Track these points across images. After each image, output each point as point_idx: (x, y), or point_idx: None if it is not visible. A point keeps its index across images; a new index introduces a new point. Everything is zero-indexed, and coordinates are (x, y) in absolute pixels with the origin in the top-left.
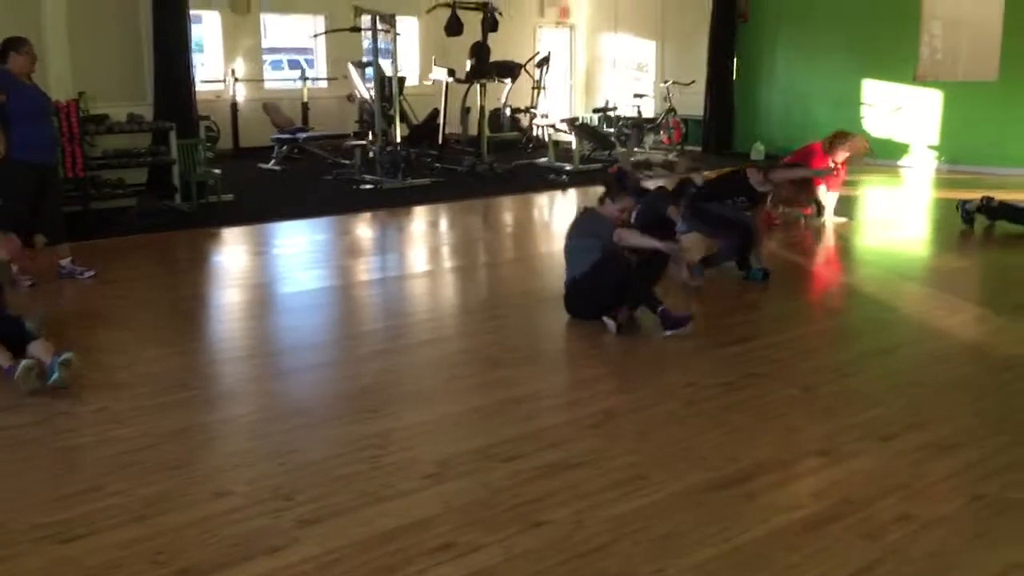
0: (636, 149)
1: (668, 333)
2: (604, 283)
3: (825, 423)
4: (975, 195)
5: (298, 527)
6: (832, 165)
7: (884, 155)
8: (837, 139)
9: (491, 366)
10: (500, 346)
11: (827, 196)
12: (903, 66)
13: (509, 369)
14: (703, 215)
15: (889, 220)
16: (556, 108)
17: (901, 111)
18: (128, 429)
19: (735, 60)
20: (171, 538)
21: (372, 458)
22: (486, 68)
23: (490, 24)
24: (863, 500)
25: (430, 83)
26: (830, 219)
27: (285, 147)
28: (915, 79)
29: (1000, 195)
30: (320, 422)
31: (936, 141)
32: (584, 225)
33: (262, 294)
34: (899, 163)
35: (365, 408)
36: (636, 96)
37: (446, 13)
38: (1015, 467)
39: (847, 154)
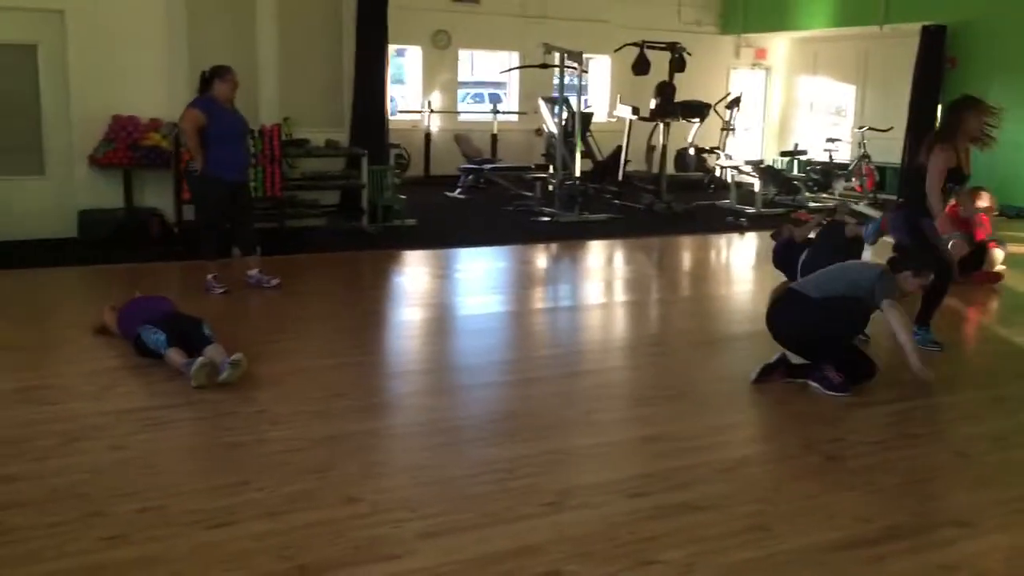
0: (825, 195)
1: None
2: (832, 328)
3: (974, 493)
4: None
5: (418, 538)
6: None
7: None
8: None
9: (634, 403)
10: (648, 384)
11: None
12: None
13: (651, 407)
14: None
15: None
16: (746, 150)
17: None
18: (283, 431)
19: (939, 107)
20: (299, 536)
21: (499, 480)
22: (671, 107)
23: (677, 64)
24: None
25: (615, 120)
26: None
27: (471, 177)
28: None
29: None
30: (460, 441)
31: None
32: (868, 272)
33: (432, 315)
34: None
35: (503, 432)
36: (829, 141)
37: (635, 52)
38: None
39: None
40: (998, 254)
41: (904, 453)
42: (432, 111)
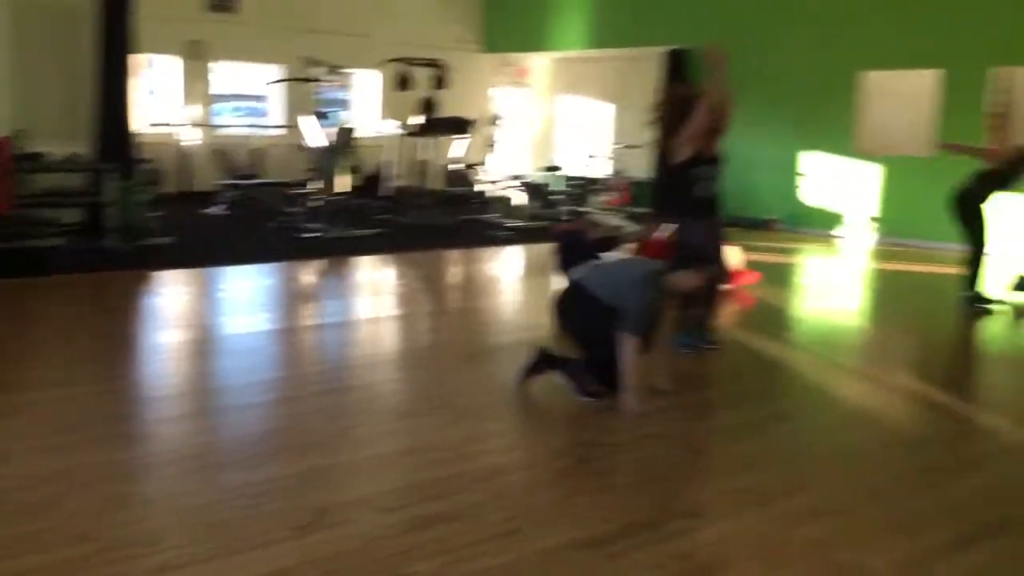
0: (583, 209)
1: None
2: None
3: (704, 486)
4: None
5: (152, 574)
6: None
7: (819, 224)
8: None
9: (396, 416)
10: (411, 396)
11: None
12: (841, 139)
13: (413, 420)
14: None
15: (820, 289)
16: (509, 166)
17: (840, 183)
18: (5, 469)
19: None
20: None
21: (253, 505)
22: (435, 123)
23: (439, 80)
24: (723, 562)
25: (380, 135)
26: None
27: (231, 193)
28: (855, 152)
29: (930, 269)
30: (211, 466)
31: (873, 213)
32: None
33: (189, 336)
34: (837, 233)
35: (259, 453)
36: (586, 157)
37: (399, 67)
38: (875, 537)
39: None
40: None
41: (644, 453)
42: (190, 124)
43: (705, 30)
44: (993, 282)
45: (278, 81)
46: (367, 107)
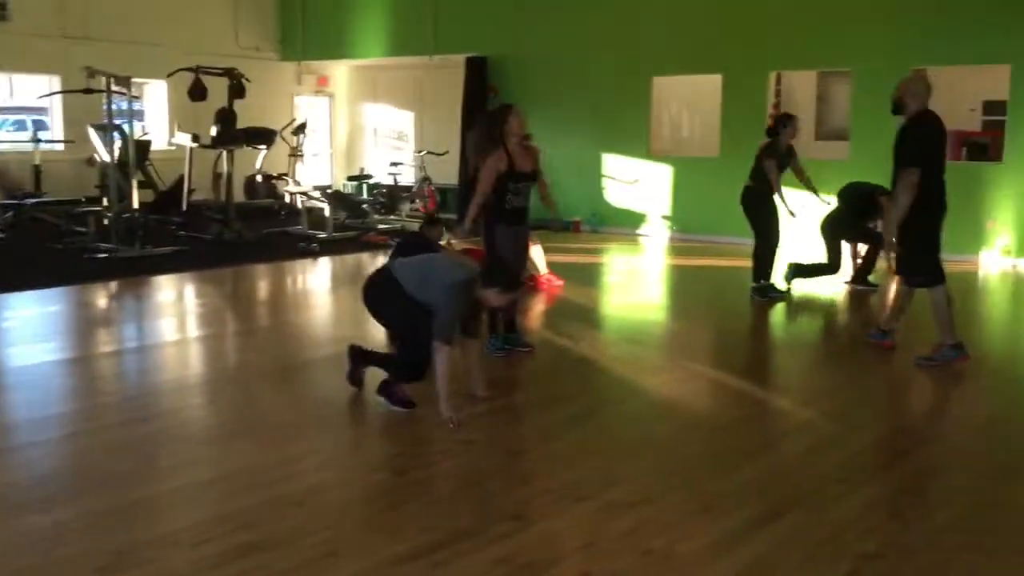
0: (392, 217)
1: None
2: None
3: (523, 487)
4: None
5: None
6: None
7: (624, 224)
8: None
9: (200, 444)
10: (216, 422)
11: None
12: (637, 142)
13: (219, 446)
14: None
15: (624, 286)
16: (316, 176)
17: (637, 183)
18: None
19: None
20: None
21: (45, 551)
22: (233, 134)
23: (236, 90)
24: (546, 562)
25: (175, 147)
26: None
27: (10, 213)
28: (648, 154)
29: (720, 262)
30: None
31: (668, 211)
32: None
33: None
34: (638, 232)
35: (48, 495)
36: (392, 164)
37: (191, 77)
38: (683, 522)
39: None
40: (536, 250)
41: (462, 459)
42: None
43: (505, 38)
44: (779, 273)
45: (53, 93)
46: (161, 119)
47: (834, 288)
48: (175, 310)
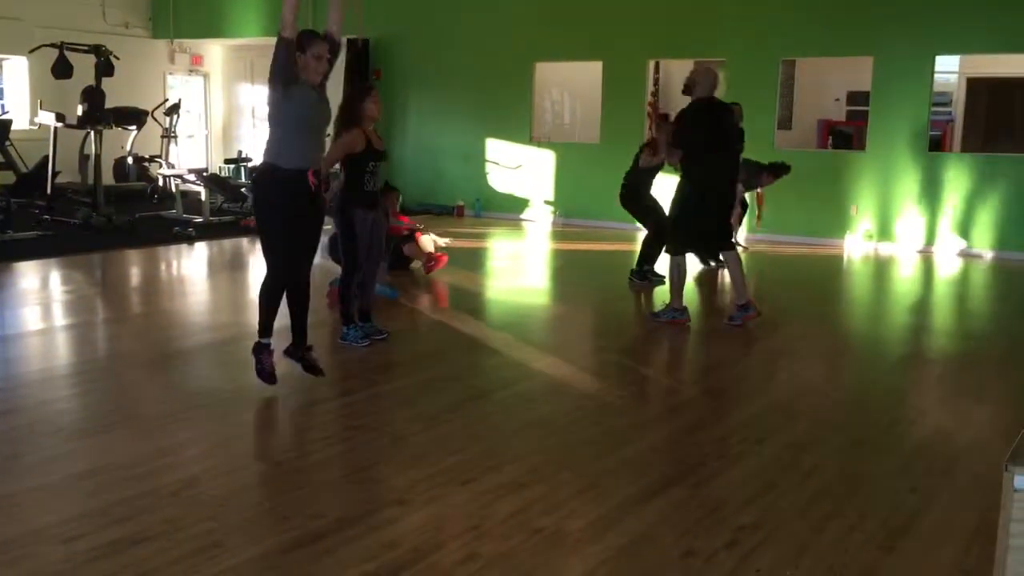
0: None
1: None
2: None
3: (410, 472)
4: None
5: None
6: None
7: (508, 209)
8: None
9: (69, 437)
10: (86, 414)
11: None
12: (520, 128)
13: (89, 439)
14: None
15: (509, 269)
16: (191, 158)
17: (520, 168)
18: None
19: None
20: None
21: None
22: (101, 113)
23: (104, 68)
24: (433, 545)
25: (37, 127)
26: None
27: None
28: (531, 140)
29: (602, 247)
30: None
31: (552, 197)
32: None
33: None
34: (521, 217)
35: None
36: None
37: (55, 53)
38: (571, 500)
39: None
40: (427, 240)
41: (348, 445)
42: None
43: (389, 21)
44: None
45: None
46: (22, 97)
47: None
48: (40, 298)
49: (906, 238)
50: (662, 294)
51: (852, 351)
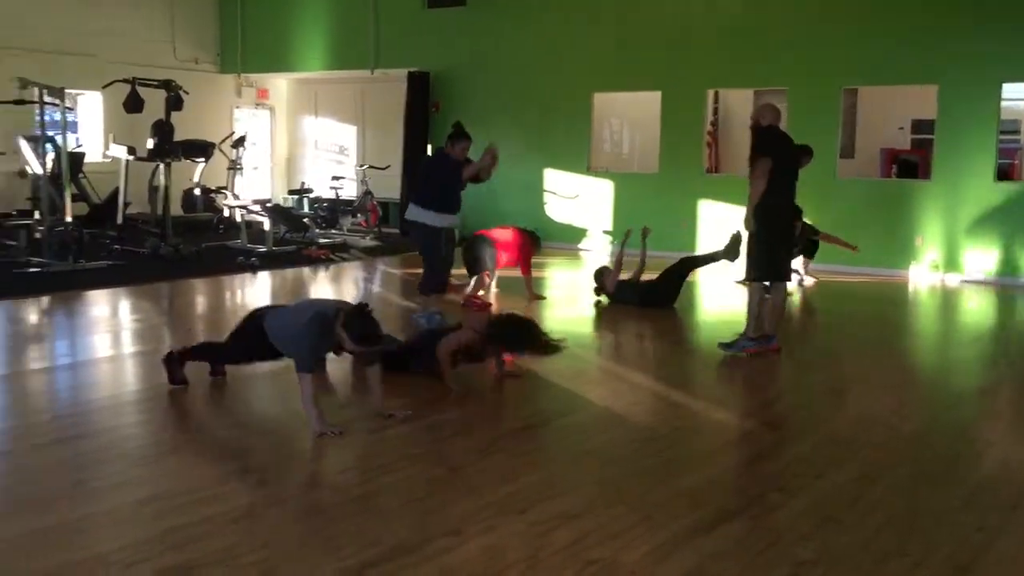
0: (334, 231)
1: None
2: None
3: (465, 502)
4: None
5: None
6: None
7: (565, 239)
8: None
9: (128, 464)
10: (149, 441)
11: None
12: (578, 158)
13: (148, 467)
14: None
15: (567, 298)
16: (256, 189)
17: (578, 198)
18: None
19: (429, 146)
20: None
21: None
22: (170, 146)
23: (173, 102)
24: None
25: (110, 160)
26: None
27: None
28: (588, 170)
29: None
30: None
31: (609, 227)
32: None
33: None
34: (579, 246)
35: None
36: (334, 178)
37: (127, 89)
38: (626, 532)
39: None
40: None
41: (404, 474)
42: None
43: (448, 53)
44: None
45: None
46: (95, 131)
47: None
48: (109, 326)
49: (973, 269)
50: (730, 324)
51: (917, 383)
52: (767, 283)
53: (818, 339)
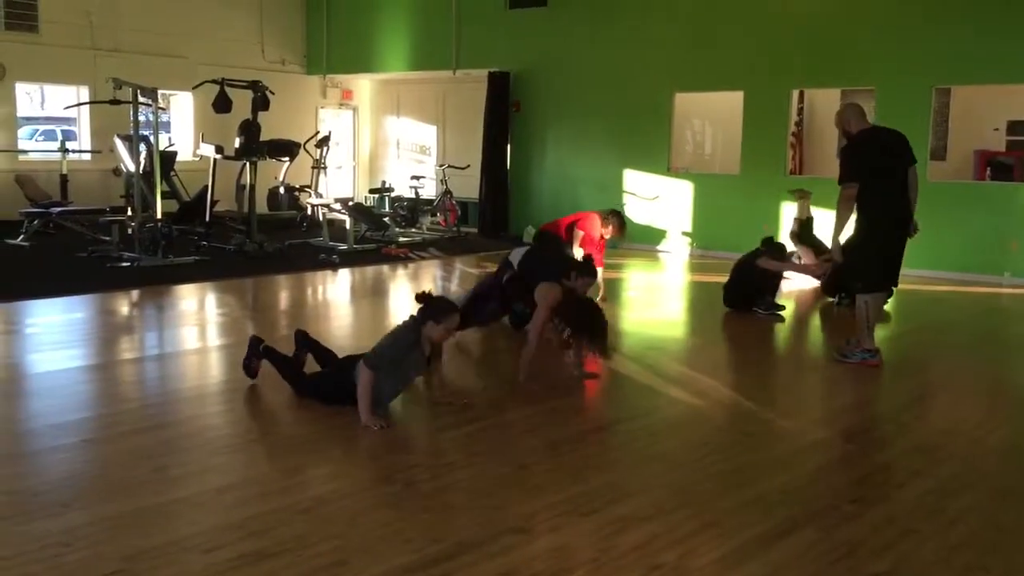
0: (413, 230)
1: None
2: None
3: (531, 501)
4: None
5: None
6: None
7: (644, 240)
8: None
9: (212, 452)
10: (229, 431)
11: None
12: (658, 159)
13: (227, 456)
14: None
15: (644, 300)
16: (339, 188)
17: (658, 199)
18: None
19: (508, 146)
20: None
21: (54, 556)
22: (257, 146)
23: (260, 102)
24: (550, 575)
25: (199, 159)
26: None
27: (36, 221)
28: (669, 170)
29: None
30: (10, 517)
31: (689, 228)
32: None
33: None
34: (658, 248)
35: (60, 501)
36: (414, 178)
37: (216, 89)
38: (692, 537)
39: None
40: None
41: (473, 471)
42: None
43: (528, 54)
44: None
45: (80, 104)
46: (185, 130)
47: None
48: (196, 319)
49: None
50: (802, 330)
51: (1006, 394)
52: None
53: (903, 345)
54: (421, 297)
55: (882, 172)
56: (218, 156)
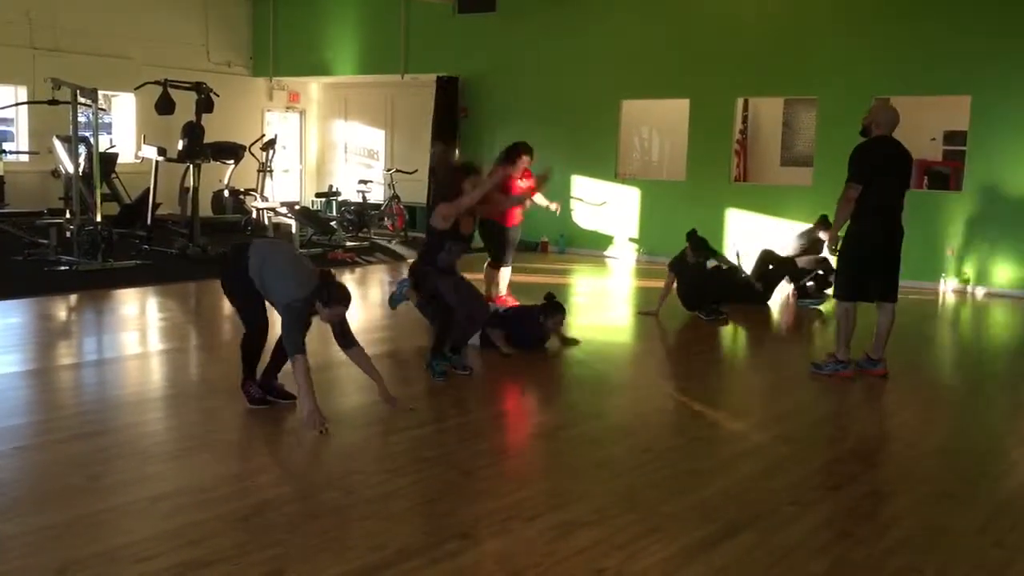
0: (360, 235)
1: None
2: None
3: (475, 506)
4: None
5: None
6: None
7: (592, 245)
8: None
9: (144, 460)
10: (168, 438)
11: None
12: (606, 165)
13: (165, 463)
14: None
15: (590, 305)
16: (285, 192)
17: (605, 205)
18: None
19: (456, 151)
20: None
21: None
22: (200, 148)
23: (204, 104)
24: None
25: (141, 161)
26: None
27: None
28: (616, 177)
29: None
30: None
31: (636, 234)
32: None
33: None
34: (605, 253)
35: None
36: (361, 182)
37: (159, 90)
38: (635, 542)
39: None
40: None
41: (416, 477)
42: None
43: (477, 59)
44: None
45: (17, 104)
46: (128, 132)
47: (804, 313)
48: (136, 324)
49: (1005, 282)
50: (746, 334)
51: (943, 399)
52: (849, 303)
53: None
54: (324, 274)
55: (882, 184)
56: (160, 158)
